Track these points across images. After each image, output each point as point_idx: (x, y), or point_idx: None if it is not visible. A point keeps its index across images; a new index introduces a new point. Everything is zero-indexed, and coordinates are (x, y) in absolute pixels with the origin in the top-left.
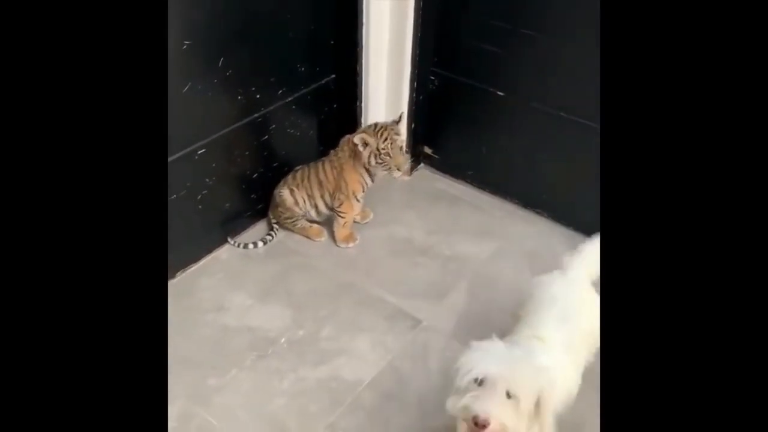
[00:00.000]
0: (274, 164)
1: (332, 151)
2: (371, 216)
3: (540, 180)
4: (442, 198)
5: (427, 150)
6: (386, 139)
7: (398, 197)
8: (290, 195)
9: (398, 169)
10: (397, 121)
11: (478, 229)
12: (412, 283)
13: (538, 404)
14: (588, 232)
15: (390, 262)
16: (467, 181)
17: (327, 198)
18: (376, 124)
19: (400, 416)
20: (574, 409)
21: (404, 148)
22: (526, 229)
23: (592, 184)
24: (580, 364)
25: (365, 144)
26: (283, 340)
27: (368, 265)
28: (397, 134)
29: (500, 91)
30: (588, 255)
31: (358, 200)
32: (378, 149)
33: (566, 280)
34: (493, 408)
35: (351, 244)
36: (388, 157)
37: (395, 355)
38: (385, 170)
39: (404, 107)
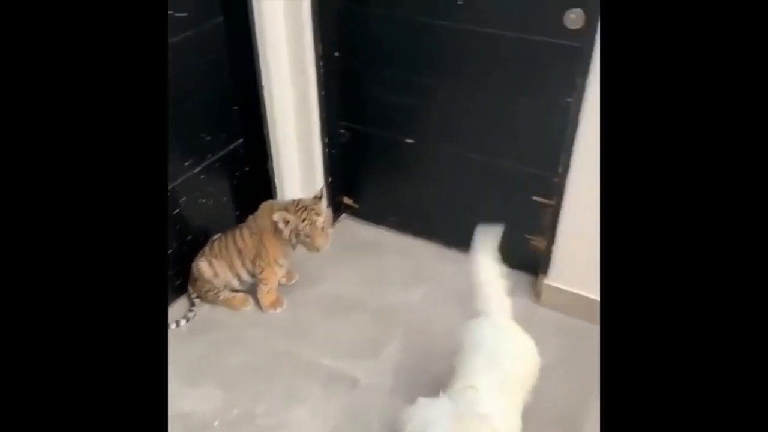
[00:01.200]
0: (189, 237)
1: (250, 217)
2: (296, 277)
3: (460, 219)
4: (367, 247)
5: (348, 200)
6: (305, 220)
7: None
8: (209, 267)
9: (317, 250)
10: (319, 197)
11: (406, 275)
12: (347, 342)
13: None
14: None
15: (321, 322)
16: (390, 227)
17: (248, 265)
18: (297, 201)
19: None
20: None
21: (326, 228)
22: (454, 268)
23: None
24: (518, 404)
25: (285, 222)
26: (216, 423)
27: (299, 329)
28: (318, 214)
29: (409, 139)
30: (497, 292)
31: (280, 265)
32: (298, 229)
33: (490, 324)
34: None
35: (278, 309)
36: (307, 239)
37: (337, 421)
38: (305, 247)
39: (317, 161)
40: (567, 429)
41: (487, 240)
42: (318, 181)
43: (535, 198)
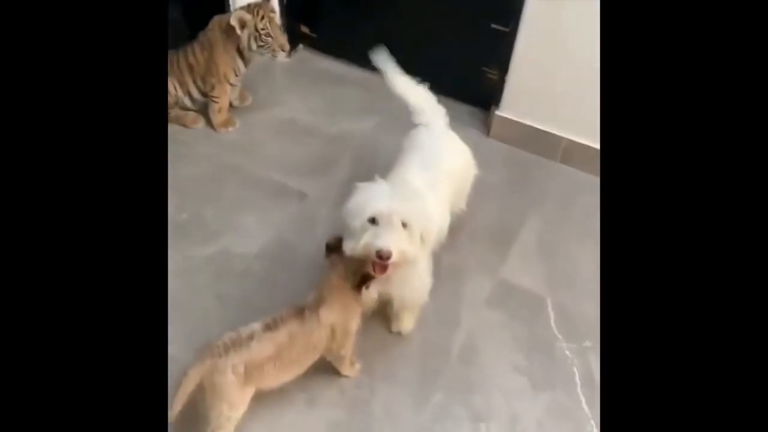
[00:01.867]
0: None
1: (201, 32)
2: (250, 99)
3: (419, 52)
4: (324, 78)
5: (305, 29)
6: (263, 17)
7: (279, 80)
8: None
9: (282, 50)
10: None
11: (361, 106)
12: (297, 161)
13: (422, 233)
14: (466, 100)
15: (273, 143)
16: (348, 61)
17: (199, 83)
18: (249, 5)
19: (291, 280)
20: (458, 256)
21: (281, 27)
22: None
23: (467, 54)
24: (445, 202)
25: (242, 24)
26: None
27: (251, 147)
28: (273, 11)
29: None
30: (429, 104)
31: (231, 84)
32: (257, 30)
33: (428, 131)
34: (392, 239)
35: (230, 129)
36: (269, 38)
37: (283, 227)
38: (267, 52)
39: None
40: (497, 244)
41: (386, 60)
42: (275, 4)
43: (493, 26)
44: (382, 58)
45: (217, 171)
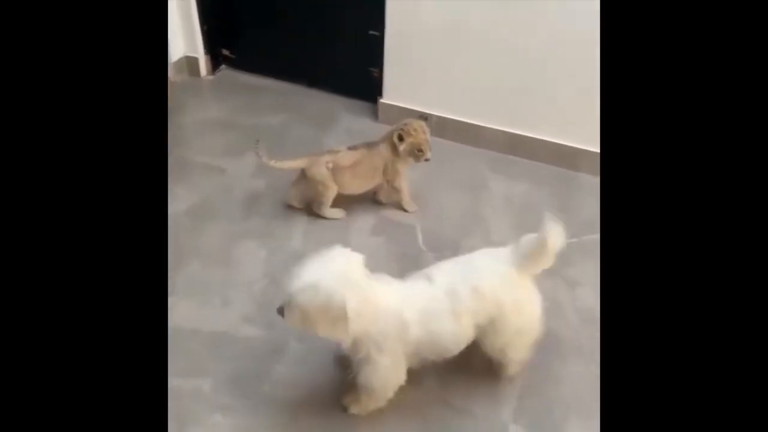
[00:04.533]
0: None
1: None
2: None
3: (319, 61)
4: (243, 89)
5: (226, 52)
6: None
7: (205, 93)
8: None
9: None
10: None
11: (273, 106)
12: (219, 147)
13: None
14: (357, 96)
15: (201, 136)
16: (264, 73)
17: None
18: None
19: (213, 228)
20: (352, 198)
21: None
22: (312, 102)
23: (355, 58)
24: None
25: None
26: None
27: (183, 140)
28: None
29: None
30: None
31: None
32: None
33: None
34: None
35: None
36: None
37: (207, 193)
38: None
39: (193, 8)
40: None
41: None
42: (196, 29)
43: (371, 32)
44: None
45: None
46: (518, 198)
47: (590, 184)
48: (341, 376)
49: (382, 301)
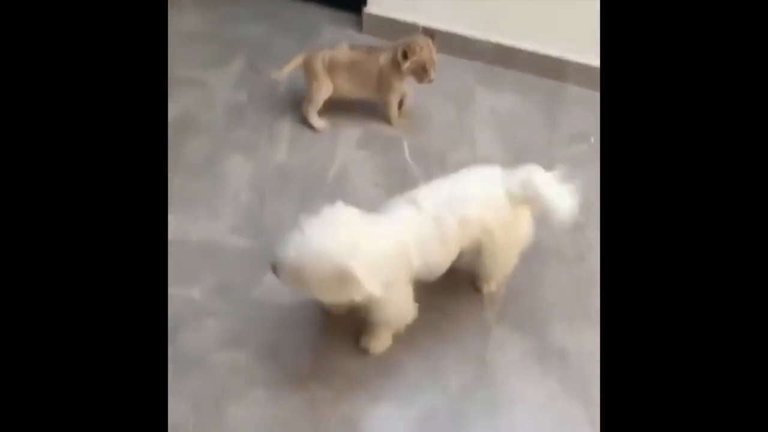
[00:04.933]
0: None
1: None
2: None
3: None
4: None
5: None
6: None
7: (185, 5)
8: None
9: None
10: None
11: (254, 17)
12: (199, 59)
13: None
14: (340, 6)
15: (180, 44)
16: None
17: None
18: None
19: (193, 134)
20: (338, 112)
21: None
22: (294, 12)
23: None
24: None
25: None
26: None
27: None
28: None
29: None
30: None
31: None
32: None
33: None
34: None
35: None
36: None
37: (187, 105)
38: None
39: None
40: (367, 106)
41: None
42: None
43: None
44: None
45: None
46: (505, 110)
47: (578, 96)
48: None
49: (385, 246)
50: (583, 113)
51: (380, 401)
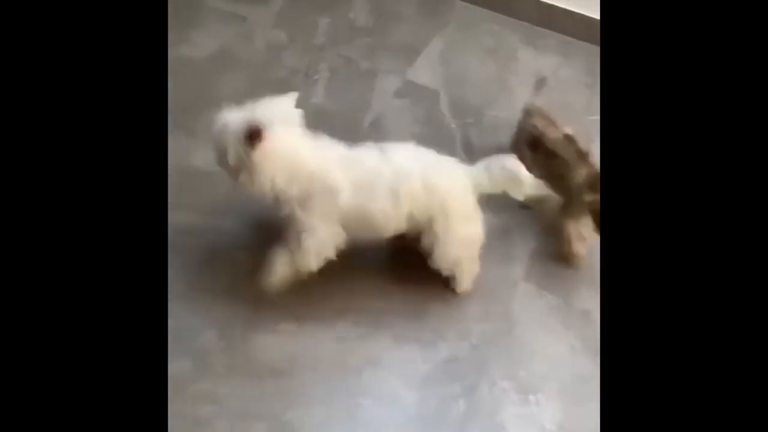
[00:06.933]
0: None
1: None
2: None
3: None
4: None
5: None
6: None
7: None
8: None
9: None
10: None
11: None
12: None
13: None
14: None
15: None
16: None
17: None
18: None
19: (232, 72)
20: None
21: None
22: None
23: None
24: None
25: None
26: None
27: None
28: None
29: None
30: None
31: None
32: None
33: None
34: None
35: None
36: None
37: (227, 39)
38: None
39: None
40: (407, 54)
41: None
42: None
43: None
44: None
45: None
46: (547, 72)
47: None
48: None
49: (310, 161)
50: None
51: (404, 343)
